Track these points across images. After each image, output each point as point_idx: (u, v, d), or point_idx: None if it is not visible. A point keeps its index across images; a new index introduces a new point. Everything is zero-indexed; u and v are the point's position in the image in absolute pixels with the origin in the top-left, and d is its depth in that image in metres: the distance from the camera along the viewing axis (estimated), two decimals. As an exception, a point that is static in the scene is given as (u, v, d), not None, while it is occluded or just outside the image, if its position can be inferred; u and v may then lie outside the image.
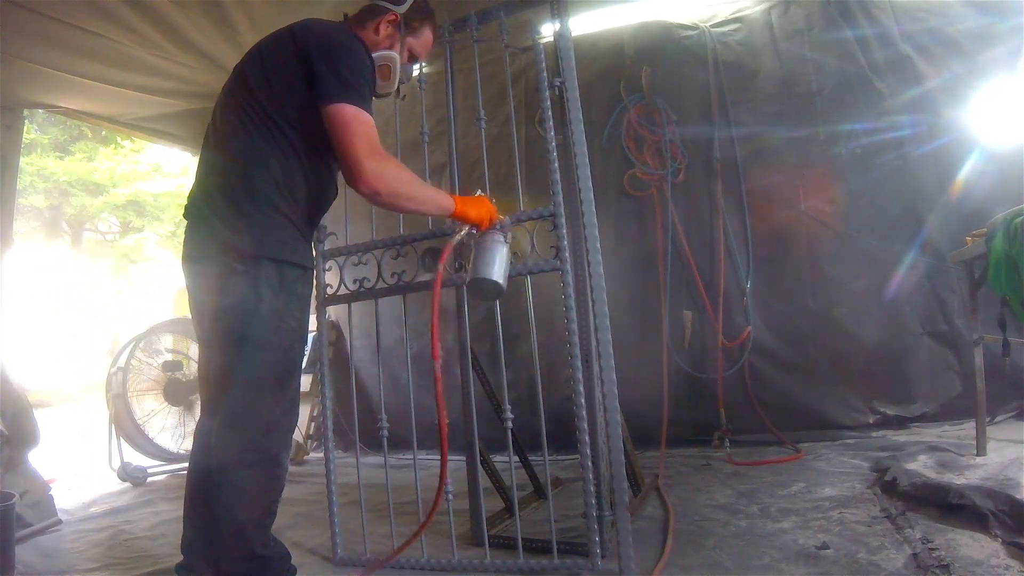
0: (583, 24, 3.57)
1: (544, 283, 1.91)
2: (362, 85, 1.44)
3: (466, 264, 1.65)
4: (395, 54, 1.65)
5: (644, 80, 3.49)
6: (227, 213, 1.45)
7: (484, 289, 1.61)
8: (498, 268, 1.59)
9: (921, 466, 2.19)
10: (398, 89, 1.73)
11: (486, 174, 1.93)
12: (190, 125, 4.42)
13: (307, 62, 1.43)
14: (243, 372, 1.43)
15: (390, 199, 1.44)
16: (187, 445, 3.69)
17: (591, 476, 1.69)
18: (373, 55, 1.57)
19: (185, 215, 1.55)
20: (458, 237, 1.61)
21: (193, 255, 1.52)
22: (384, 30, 1.65)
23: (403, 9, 1.65)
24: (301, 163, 1.49)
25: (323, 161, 1.54)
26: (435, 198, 1.56)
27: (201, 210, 1.51)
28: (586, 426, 1.71)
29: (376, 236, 2.03)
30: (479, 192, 1.73)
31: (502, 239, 1.64)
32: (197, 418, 3.99)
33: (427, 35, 1.74)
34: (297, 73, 1.45)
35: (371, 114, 1.44)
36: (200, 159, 1.59)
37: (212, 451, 1.45)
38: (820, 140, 3.29)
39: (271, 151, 1.46)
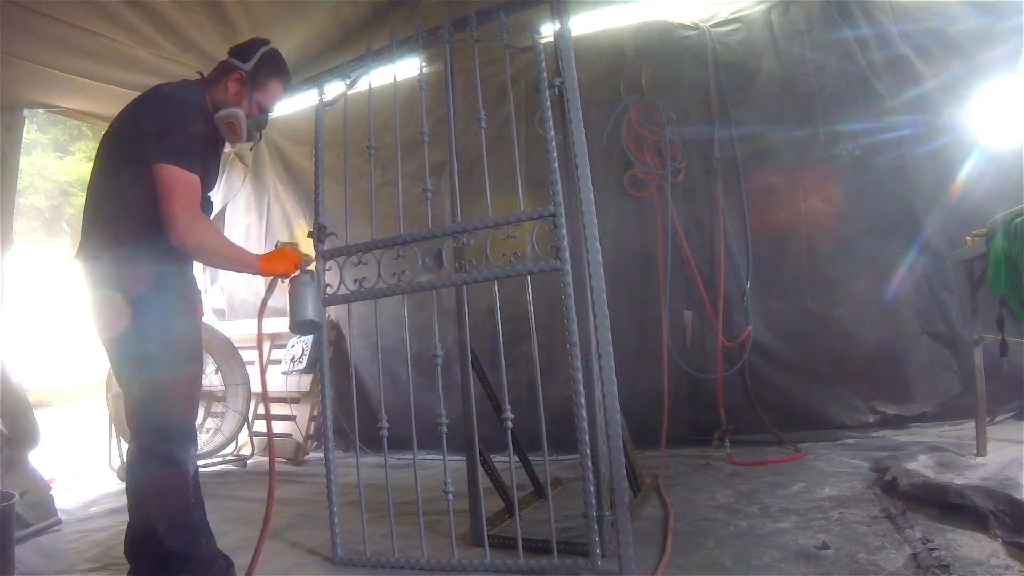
0: (583, 24, 3.57)
1: (544, 283, 1.91)
2: (184, 145, 1.61)
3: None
4: (238, 111, 1.77)
5: (644, 80, 3.49)
6: (96, 250, 1.68)
7: (305, 326, 1.91)
8: (311, 307, 1.89)
9: (921, 466, 2.19)
10: (260, 135, 1.91)
11: (486, 174, 1.93)
12: (190, 125, 4.41)
13: (139, 124, 1.63)
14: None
15: (197, 252, 1.66)
16: (187, 445, 3.68)
17: (591, 476, 1.69)
18: (219, 112, 1.74)
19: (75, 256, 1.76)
20: (268, 295, 1.95)
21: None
22: (232, 87, 1.79)
23: (248, 67, 1.80)
24: (136, 201, 1.63)
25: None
26: (241, 258, 1.78)
27: (81, 249, 1.74)
28: (586, 426, 1.71)
29: (376, 236, 2.03)
30: (278, 243, 1.95)
31: (308, 280, 1.91)
32: (198, 419, 3.99)
33: (273, 88, 1.86)
34: (136, 133, 1.63)
35: (194, 169, 1.62)
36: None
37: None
38: (820, 140, 3.29)
39: (117, 197, 1.67)
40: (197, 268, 1.95)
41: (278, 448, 3.83)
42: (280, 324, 4.31)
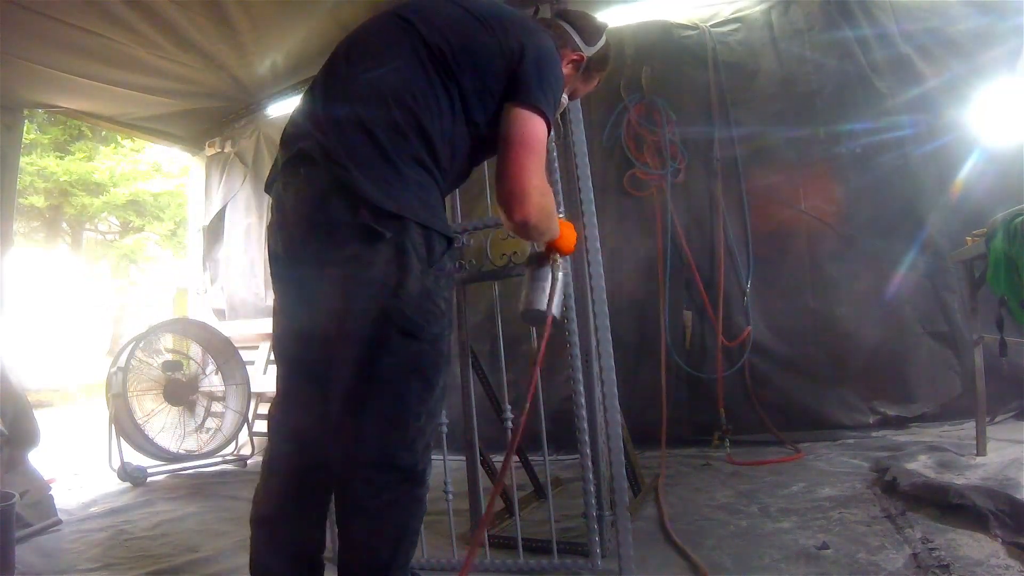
0: (583, 24, 3.56)
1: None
2: (556, 105, 1.31)
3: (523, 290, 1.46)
4: (565, 98, 1.52)
5: (644, 80, 3.49)
6: (371, 160, 1.14)
7: (538, 319, 1.41)
8: (558, 302, 1.43)
9: (921, 466, 2.19)
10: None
11: (486, 174, 1.93)
12: (190, 125, 4.42)
13: (515, 56, 1.25)
14: (382, 366, 1.15)
15: (527, 231, 1.24)
16: (187, 445, 3.68)
17: (591, 476, 1.69)
18: None
19: (299, 160, 1.20)
20: (561, 275, 1.42)
21: (305, 213, 1.19)
22: (567, 68, 1.48)
23: (591, 52, 1.51)
24: (456, 130, 1.26)
25: (476, 139, 1.31)
26: (553, 230, 1.35)
27: (328, 154, 1.15)
28: (586, 426, 1.71)
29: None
30: (561, 212, 1.63)
31: (568, 270, 1.61)
32: (197, 418, 3.95)
33: (595, 83, 1.64)
34: (494, 55, 1.26)
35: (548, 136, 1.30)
36: (328, 87, 1.32)
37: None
38: (820, 140, 3.29)
39: (439, 107, 1.22)
40: (198, 265, 1.90)
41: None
42: (280, 324, 4.31)
